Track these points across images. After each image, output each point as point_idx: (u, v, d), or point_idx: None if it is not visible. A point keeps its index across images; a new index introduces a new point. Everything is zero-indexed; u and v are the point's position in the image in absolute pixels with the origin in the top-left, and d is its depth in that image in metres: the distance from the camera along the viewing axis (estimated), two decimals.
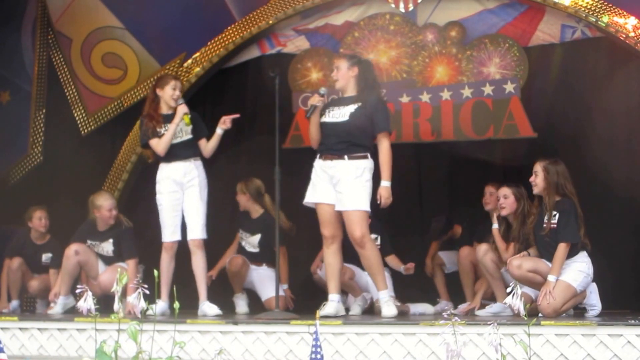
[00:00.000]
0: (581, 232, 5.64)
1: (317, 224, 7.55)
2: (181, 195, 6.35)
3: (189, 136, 6.38)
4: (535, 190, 5.83)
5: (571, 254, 5.59)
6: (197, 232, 6.33)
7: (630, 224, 7.03)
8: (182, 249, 6.46)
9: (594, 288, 5.75)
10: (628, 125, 7.14)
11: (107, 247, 6.92)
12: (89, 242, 6.93)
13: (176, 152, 6.36)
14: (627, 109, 7.14)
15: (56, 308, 6.78)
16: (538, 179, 5.79)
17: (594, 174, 6.77)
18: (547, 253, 5.68)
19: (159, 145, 6.34)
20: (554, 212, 5.66)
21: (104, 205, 6.90)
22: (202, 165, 6.42)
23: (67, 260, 6.78)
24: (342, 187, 5.82)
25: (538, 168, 5.81)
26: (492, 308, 6.22)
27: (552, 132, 7.37)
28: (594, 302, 5.74)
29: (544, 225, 5.68)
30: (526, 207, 6.17)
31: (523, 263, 5.68)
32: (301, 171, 7.60)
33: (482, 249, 6.31)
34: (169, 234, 6.37)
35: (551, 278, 5.51)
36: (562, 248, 5.54)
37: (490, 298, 6.49)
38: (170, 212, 6.35)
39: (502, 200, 6.31)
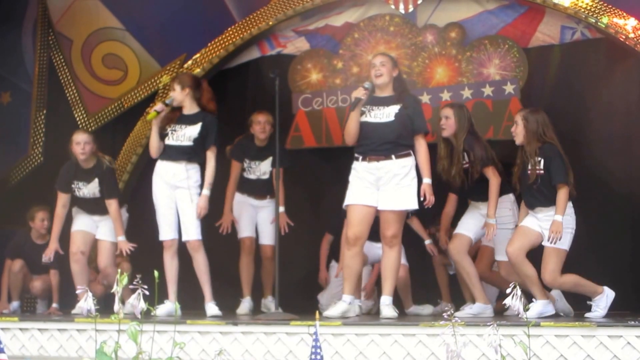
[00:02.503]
0: (570, 177, 5.63)
1: (315, 223, 7.60)
2: (172, 194, 6.28)
3: (190, 143, 6.28)
4: (517, 141, 5.80)
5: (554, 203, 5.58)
6: (190, 233, 6.27)
7: (630, 225, 7.03)
8: (185, 249, 6.42)
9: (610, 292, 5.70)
10: (627, 126, 7.14)
11: (94, 188, 6.75)
12: (75, 182, 6.76)
13: (170, 153, 6.31)
14: (626, 110, 7.15)
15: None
16: (518, 129, 5.78)
17: (593, 175, 6.77)
18: (535, 201, 5.67)
19: (149, 145, 6.39)
20: (538, 159, 5.65)
21: (75, 139, 6.71)
22: (198, 170, 6.32)
23: (77, 264, 6.68)
24: (391, 187, 5.78)
25: (518, 118, 5.81)
26: (472, 309, 6.06)
27: None
28: (604, 304, 5.66)
29: (529, 173, 5.66)
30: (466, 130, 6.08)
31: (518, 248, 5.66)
32: (301, 172, 7.63)
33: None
34: (163, 232, 6.33)
35: (558, 218, 5.48)
36: (562, 192, 5.54)
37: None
38: (162, 209, 6.30)
39: (443, 120, 6.18)
